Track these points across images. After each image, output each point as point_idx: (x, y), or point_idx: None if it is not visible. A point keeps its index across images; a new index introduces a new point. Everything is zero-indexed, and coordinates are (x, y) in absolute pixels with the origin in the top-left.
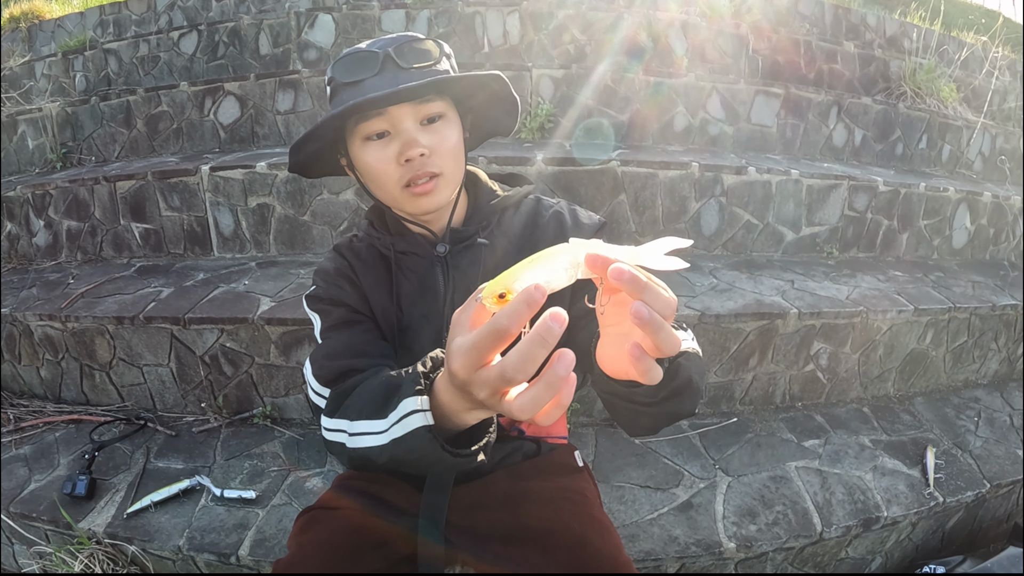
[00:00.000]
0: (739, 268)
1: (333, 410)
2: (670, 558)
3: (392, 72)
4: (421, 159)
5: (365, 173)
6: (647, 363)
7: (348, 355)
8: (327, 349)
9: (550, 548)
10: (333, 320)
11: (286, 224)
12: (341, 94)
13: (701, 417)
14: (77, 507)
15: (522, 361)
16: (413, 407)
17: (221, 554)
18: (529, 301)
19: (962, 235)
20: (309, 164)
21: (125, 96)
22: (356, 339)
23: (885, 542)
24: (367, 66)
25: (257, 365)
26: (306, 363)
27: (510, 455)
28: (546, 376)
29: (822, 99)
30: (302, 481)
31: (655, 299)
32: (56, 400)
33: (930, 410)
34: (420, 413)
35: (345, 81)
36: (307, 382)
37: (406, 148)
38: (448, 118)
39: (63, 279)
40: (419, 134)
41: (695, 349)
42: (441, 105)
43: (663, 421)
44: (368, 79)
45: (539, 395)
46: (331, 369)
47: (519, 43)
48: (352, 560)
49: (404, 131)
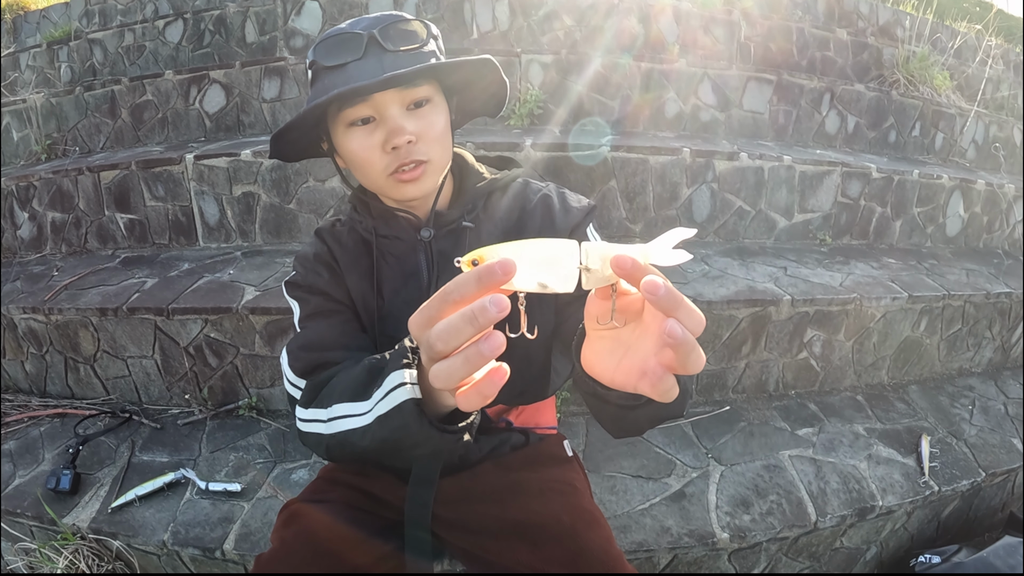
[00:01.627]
0: (731, 255)
1: (308, 401)
2: (662, 549)
3: (376, 55)
4: (408, 146)
5: (349, 160)
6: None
7: (324, 347)
8: (303, 340)
9: (539, 541)
10: (311, 309)
11: (271, 212)
12: (323, 79)
13: (693, 406)
14: (61, 502)
15: (446, 331)
16: (400, 380)
17: (206, 548)
18: (482, 276)
19: (956, 223)
20: (289, 151)
21: (110, 86)
22: (333, 330)
23: (880, 532)
24: (350, 49)
25: (242, 356)
26: (283, 353)
27: (498, 446)
28: (467, 350)
29: (815, 86)
30: (288, 473)
31: (689, 317)
32: (41, 394)
33: (924, 398)
34: (407, 386)
35: (327, 65)
36: (283, 373)
37: (392, 136)
38: (435, 102)
39: (47, 271)
40: (405, 121)
41: None
42: (428, 89)
43: (648, 424)
44: (351, 63)
45: (453, 367)
46: (307, 360)
47: (508, 29)
48: (336, 555)
49: (390, 118)
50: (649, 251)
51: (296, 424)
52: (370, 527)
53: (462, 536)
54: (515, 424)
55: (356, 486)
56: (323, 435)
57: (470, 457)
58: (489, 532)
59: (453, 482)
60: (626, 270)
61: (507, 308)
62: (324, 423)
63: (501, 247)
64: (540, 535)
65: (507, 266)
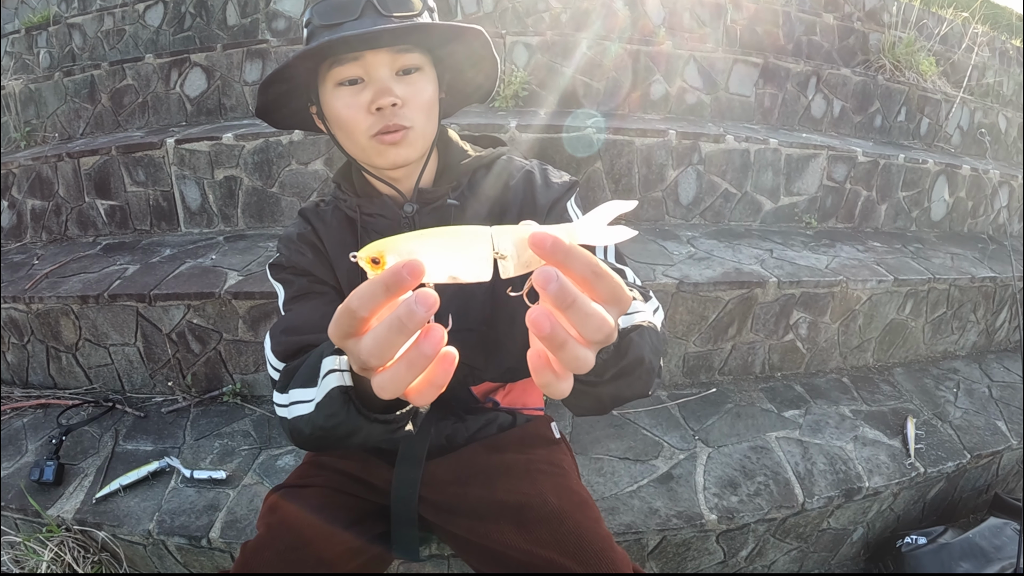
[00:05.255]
0: (717, 237)
1: (284, 386)
2: (651, 531)
3: (372, 18)
4: (392, 109)
5: (334, 121)
6: (547, 377)
7: (306, 330)
8: (286, 323)
9: (528, 523)
10: (295, 291)
11: (254, 196)
12: (318, 36)
13: (680, 387)
14: (45, 494)
15: (376, 346)
16: (331, 367)
17: (192, 537)
18: (388, 284)
19: (941, 207)
20: (277, 108)
21: (90, 71)
22: (316, 312)
23: (867, 512)
24: (347, 10)
25: (225, 341)
26: (266, 337)
27: (485, 427)
28: (408, 354)
29: (801, 70)
30: (273, 460)
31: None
32: (23, 385)
33: (909, 380)
34: (337, 373)
35: (322, 23)
36: (266, 357)
37: (378, 96)
38: (425, 72)
39: (28, 260)
40: (393, 83)
41: (651, 323)
42: (419, 58)
43: (610, 403)
44: (347, 22)
45: (398, 375)
46: (288, 344)
47: (493, 11)
48: (322, 541)
49: (378, 79)
50: (576, 229)
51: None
52: (357, 511)
53: (449, 518)
54: (502, 405)
55: (342, 470)
56: (287, 420)
57: (457, 438)
58: (477, 514)
59: (440, 464)
60: (545, 250)
61: (436, 304)
62: (286, 408)
63: (402, 238)
64: (529, 516)
65: (415, 268)
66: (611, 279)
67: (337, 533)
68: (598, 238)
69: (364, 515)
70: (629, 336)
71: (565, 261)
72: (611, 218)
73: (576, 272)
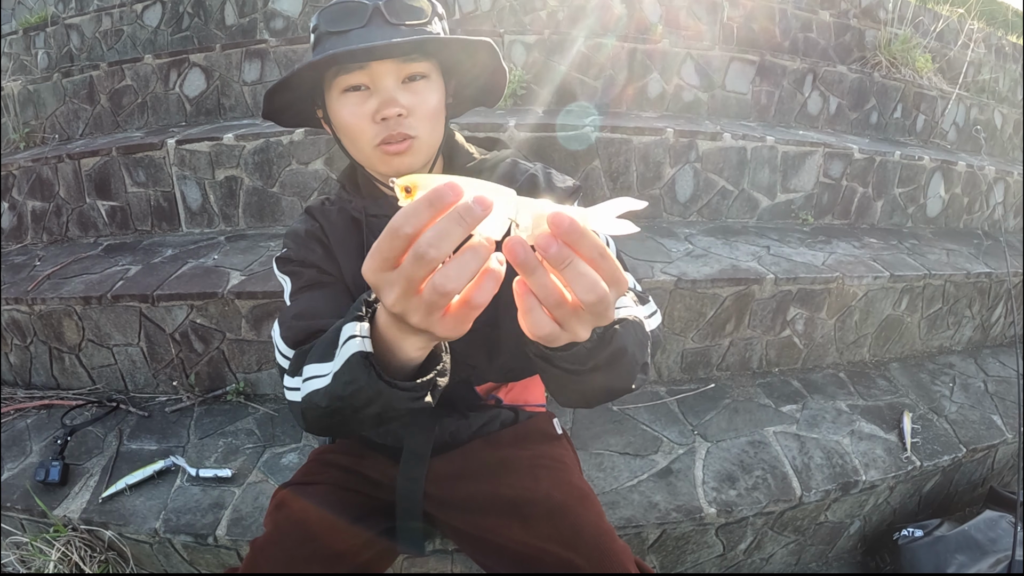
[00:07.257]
0: (714, 234)
1: (294, 370)
2: (651, 524)
3: (379, 26)
4: (397, 119)
5: (340, 127)
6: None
7: (317, 315)
8: (296, 309)
9: (531, 518)
10: (303, 281)
11: (254, 196)
12: (324, 43)
13: (678, 383)
14: (51, 494)
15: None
16: (351, 332)
17: (198, 535)
18: (433, 201)
19: (936, 203)
20: (283, 112)
21: (88, 72)
22: (327, 300)
23: (864, 506)
24: (355, 16)
25: (228, 341)
26: (275, 325)
27: (487, 424)
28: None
29: (797, 67)
30: (277, 458)
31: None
32: (26, 386)
33: (905, 375)
34: (357, 339)
35: (330, 30)
36: (275, 345)
37: (383, 106)
38: (431, 80)
39: (29, 261)
40: (398, 93)
41: (636, 317)
42: (425, 66)
43: (595, 395)
44: (354, 30)
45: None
46: (299, 329)
47: (491, 10)
48: (330, 536)
49: (383, 88)
50: (589, 215)
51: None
52: (362, 507)
53: (453, 514)
54: (504, 401)
55: (347, 467)
56: (297, 403)
57: (460, 435)
58: (480, 510)
59: (444, 460)
60: (563, 228)
61: (491, 207)
62: (298, 390)
63: (434, 177)
64: (531, 512)
65: (456, 187)
66: (613, 262)
67: (345, 528)
68: (607, 228)
69: (369, 511)
70: (613, 327)
71: (578, 241)
72: (621, 212)
73: (585, 252)
